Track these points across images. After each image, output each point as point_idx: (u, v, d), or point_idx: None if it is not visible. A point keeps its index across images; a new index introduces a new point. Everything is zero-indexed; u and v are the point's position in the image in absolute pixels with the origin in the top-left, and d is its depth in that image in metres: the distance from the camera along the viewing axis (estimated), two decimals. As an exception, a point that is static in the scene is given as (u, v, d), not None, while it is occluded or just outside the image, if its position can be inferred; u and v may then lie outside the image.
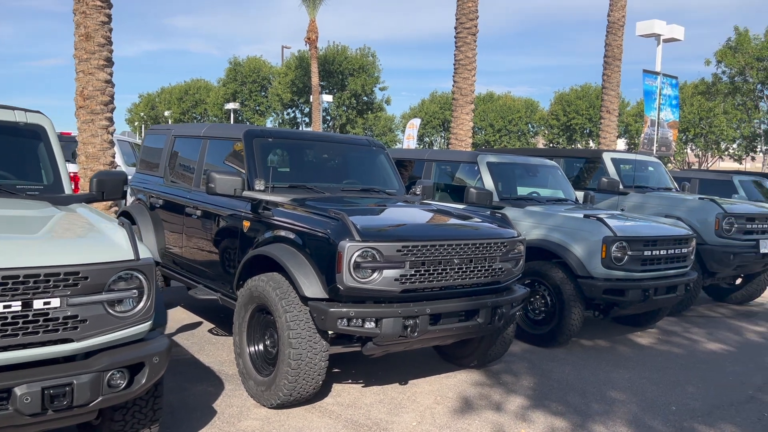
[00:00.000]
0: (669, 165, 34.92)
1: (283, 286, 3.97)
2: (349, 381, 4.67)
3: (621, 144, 44.26)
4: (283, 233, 4.21)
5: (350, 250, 3.71)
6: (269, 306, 3.99)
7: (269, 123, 46.55)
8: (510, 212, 6.30)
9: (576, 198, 7.33)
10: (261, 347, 4.28)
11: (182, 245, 5.56)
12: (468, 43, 12.58)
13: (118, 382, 2.73)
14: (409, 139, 34.38)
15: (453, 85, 12.89)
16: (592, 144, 44.99)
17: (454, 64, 12.76)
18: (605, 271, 5.55)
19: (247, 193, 4.64)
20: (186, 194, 5.54)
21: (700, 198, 7.69)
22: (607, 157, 8.53)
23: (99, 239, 2.90)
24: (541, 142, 49.83)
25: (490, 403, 4.41)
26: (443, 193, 7.27)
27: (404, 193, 5.58)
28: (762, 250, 7.48)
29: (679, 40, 18.33)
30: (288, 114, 44.45)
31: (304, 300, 3.88)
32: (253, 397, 4.18)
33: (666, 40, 18.16)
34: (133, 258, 2.80)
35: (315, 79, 32.98)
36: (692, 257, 6.27)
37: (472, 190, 6.27)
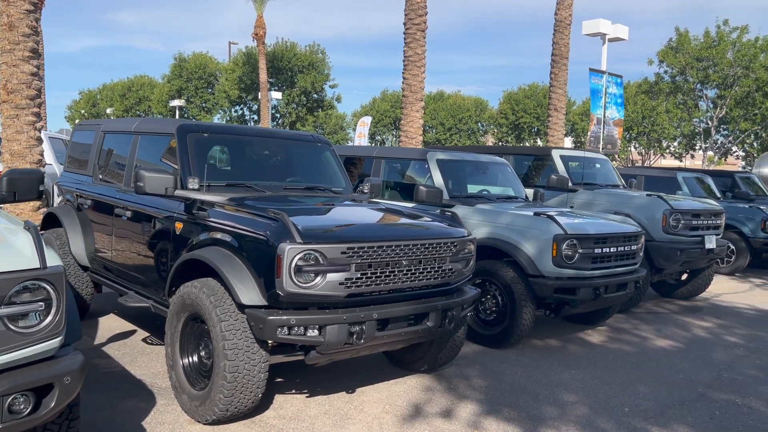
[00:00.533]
0: (614, 162, 35.79)
1: (218, 292, 3.68)
2: (293, 391, 4.40)
3: (568, 142, 45.14)
4: (218, 235, 3.91)
5: (290, 252, 3.45)
6: (203, 314, 3.69)
7: (216, 120, 45.51)
8: (460, 210, 6.14)
9: (526, 195, 7.24)
10: (195, 359, 3.97)
11: (113, 249, 5.17)
12: (417, 39, 12.43)
13: (22, 407, 2.40)
14: (360, 137, 34.15)
15: (402, 82, 12.72)
16: (540, 142, 45.72)
17: (404, 61, 12.60)
18: (556, 269, 5.45)
19: (179, 193, 4.33)
20: (116, 194, 5.16)
21: (647, 195, 7.73)
22: (556, 155, 8.50)
23: (-3, 246, 2.56)
24: (490, 141, 50.37)
25: (440, 410, 4.22)
26: (393, 192, 7.07)
27: (352, 192, 5.34)
28: (707, 246, 7.57)
29: (623, 39, 18.66)
30: (236, 111, 43.51)
31: (241, 307, 3.60)
32: (187, 413, 3.87)
33: (611, 40, 18.47)
34: (38, 266, 2.47)
35: (263, 76, 32.38)
36: (641, 254, 6.25)
37: (421, 188, 6.10)
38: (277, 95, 36.23)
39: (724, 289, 9.55)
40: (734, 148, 33.66)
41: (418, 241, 3.97)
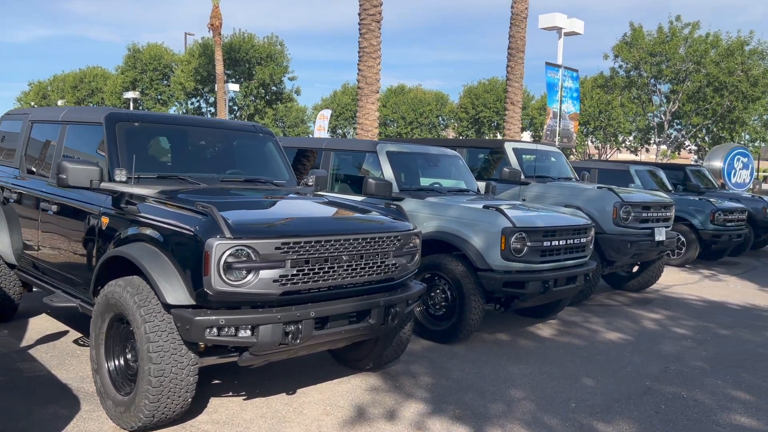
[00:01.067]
0: (571, 156, 36.30)
1: (143, 291, 3.45)
2: (230, 394, 4.20)
3: (526, 136, 45.65)
4: (145, 231, 3.67)
5: (219, 249, 3.25)
6: (127, 315, 3.46)
7: (172, 112, 44.47)
8: (410, 204, 6.01)
9: (478, 188, 7.15)
10: (122, 362, 3.73)
11: (39, 245, 4.86)
12: (372, 30, 12.24)
13: None
14: (320, 131, 33.81)
15: (358, 74, 12.52)
16: (499, 136, 46.03)
17: (359, 52, 12.40)
18: (505, 263, 5.36)
19: (105, 185, 4.07)
20: (43, 187, 4.85)
21: (598, 187, 7.73)
22: (509, 147, 8.44)
23: None
24: (451, 135, 50.56)
25: (384, 410, 4.08)
26: (343, 184, 6.89)
27: (296, 185, 5.14)
28: (657, 238, 7.61)
29: (579, 33, 18.82)
30: (192, 104, 42.61)
31: (167, 307, 3.38)
32: (112, 420, 3.63)
33: (567, 34, 18.60)
34: None
35: (219, 67, 31.72)
36: (591, 247, 6.22)
37: (370, 180, 5.93)
38: (234, 87, 35.52)
39: (674, 280, 9.68)
40: (687, 142, 34.47)
41: (359, 235, 3.80)
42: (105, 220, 4.02)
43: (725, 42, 27.10)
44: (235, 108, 40.77)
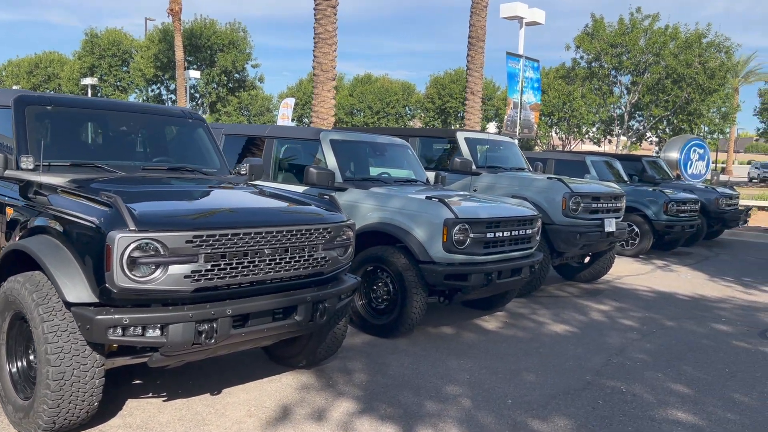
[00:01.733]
0: (536, 148, 36.58)
1: (43, 288, 3.19)
2: (149, 395, 3.97)
3: (492, 127, 45.79)
4: (50, 223, 3.41)
5: (122, 242, 3.01)
6: (25, 313, 3.20)
7: (132, 99, 43.37)
8: (353, 194, 5.82)
9: (427, 179, 6.99)
10: (24, 363, 3.47)
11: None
12: (328, 15, 11.97)
13: None
14: (283, 119, 33.27)
15: (313, 61, 12.25)
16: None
17: (314, 38, 12.12)
18: (447, 255, 5.22)
19: (11, 173, 3.78)
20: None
21: (548, 178, 7.65)
22: (461, 137, 8.29)
23: None
24: (418, 125, 50.45)
25: (312, 410, 3.90)
26: (287, 174, 6.66)
27: (227, 174, 4.90)
28: (607, 229, 7.57)
29: (540, 23, 18.78)
30: (153, 91, 41.59)
31: (69, 305, 3.13)
32: (13, 426, 3.38)
33: (528, 24, 18.55)
34: None
35: (179, 53, 30.95)
36: (537, 238, 6.12)
37: (311, 170, 5.72)
38: (195, 74, 34.71)
39: (626, 271, 9.70)
40: (648, 134, 34.99)
41: (283, 227, 3.60)
42: (9, 210, 3.74)
43: (684, 34, 27.48)
44: (197, 95, 39.96)
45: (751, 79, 54.71)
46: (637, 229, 11.06)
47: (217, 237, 3.28)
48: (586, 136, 40.70)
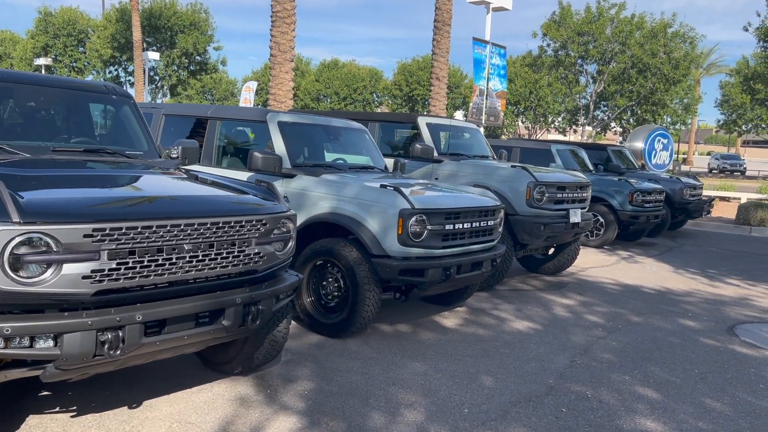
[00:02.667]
0: (503, 136, 36.47)
1: None
2: (56, 409, 3.47)
3: (459, 115, 45.55)
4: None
5: (2, 236, 2.51)
6: None
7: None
8: (302, 181, 5.36)
9: (386, 166, 6.55)
10: None
11: None
12: (286, -7, 11.38)
13: None
14: (245, 103, 32.41)
15: (271, 41, 11.66)
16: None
17: (272, 17, 11.52)
18: (402, 248, 4.80)
19: None
20: None
21: (512, 166, 7.28)
22: (422, 122, 7.87)
23: None
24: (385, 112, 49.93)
25: (244, 427, 3.45)
26: (232, 158, 6.15)
27: (157, 156, 4.38)
28: (572, 220, 7.26)
29: (507, 9, 18.44)
30: (110, 72, 40.15)
31: (-60, 312, 2.62)
32: None
33: (495, 9, 18.19)
34: None
35: (137, 34, 29.85)
36: (500, 230, 5.75)
37: (256, 154, 5.24)
38: (154, 56, 33.63)
39: (591, 262, 9.46)
40: (612, 124, 35.17)
41: (207, 219, 3.13)
42: None
43: (649, 24, 27.52)
44: (157, 78, 38.71)
45: (713, 71, 55.65)
46: (602, 220, 10.84)
47: (123, 230, 2.79)
48: (552, 125, 40.78)
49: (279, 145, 5.58)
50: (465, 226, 5.20)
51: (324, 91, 48.85)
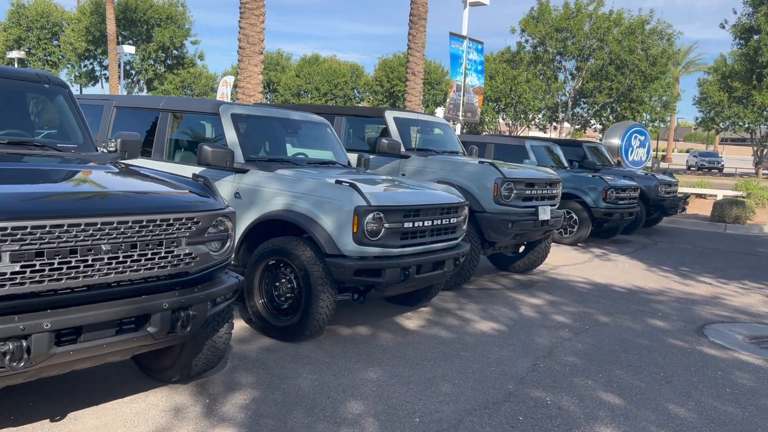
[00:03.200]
0: (484, 133, 36.37)
1: None
2: (-30, 423, 3.19)
3: (440, 112, 45.39)
4: None
5: None
6: None
7: (63, 75, 41.03)
8: (255, 177, 5.11)
9: (349, 162, 6.31)
10: None
11: None
12: (255, -16, 11.08)
13: None
14: (222, 98, 32.01)
15: (239, 33, 11.35)
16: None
17: (240, 8, 11.22)
18: (358, 248, 4.57)
19: None
20: None
21: (480, 162, 7.08)
22: (390, 116, 7.64)
23: None
24: (365, 108, 49.65)
25: (174, 439, 3.21)
26: (185, 153, 5.87)
27: (93, 150, 4.11)
28: (541, 217, 7.08)
29: (485, 4, 18.28)
30: (85, 66, 39.40)
31: None
32: None
33: (472, 4, 18.01)
34: None
35: (111, 27, 29.28)
36: (464, 227, 5.55)
37: (206, 148, 4.98)
38: (129, 49, 32.97)
39: (563, 260, 9.31)
40: (592, 121, 35.23)
41: (128, 217, 2.87)
42: None
43: (627, 20, 27.54)
44: (133, 72, 38.05)
45: (691, 69, 56.16)
46: (575, 217, 10.70)
47: (28, 230, 2.53)
48: (533, 122, 40.77)
49: (232, 139, 5.32)
50: (426, 224, 4.99)
51: (304, 87, 48.47)
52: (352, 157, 6.55)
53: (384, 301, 6.04)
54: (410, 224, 4.83)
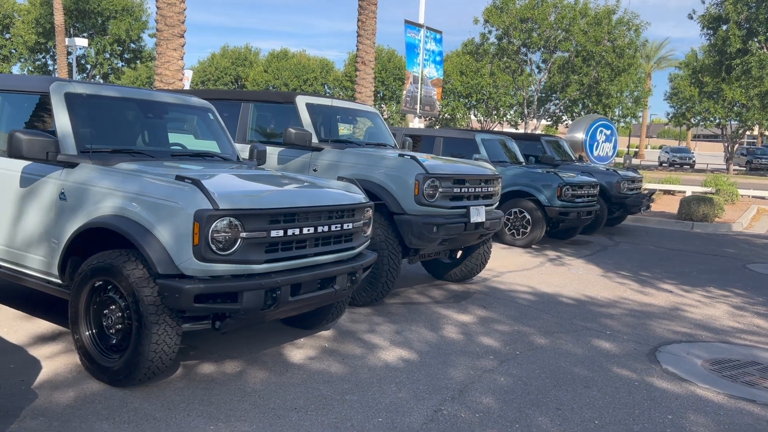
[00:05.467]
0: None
1: None
2: None
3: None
4: None
5: None
6: None
7: (16, 70, 39.20)
8: (85, 172, 3.99)
9: (238, 155, 5.20)
10: None
11: None
12: (172, -41, 9.90)
13: None
14: (180, 94, 30.62)
15: (157, 13, 10.16)
16: (384, 107, 44.78)
17: (157, -14, 10.03)
18: (202, 265, 3.47)
19: None
20: None
21: (399, 155, 6.00)
22: (301, 102, 6.53)
23: None
24: (335, 104, 48.45)
25: None
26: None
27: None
28: (473, 219, 6.05)
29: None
30: (38, 60, 37.61)
31: None
32: None
33: (429, -9, 17.00)
34: None
35: (59, 18, 27.79)
36: (368, 233, 4.48)
37: (18, 135, 3.91)
38: (82, 42, 31.32)
39: (511, 265, 8.32)
40: (564, 117, 34.45)
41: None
42: None
43: (593, 11, 26.73)
44: (87, 66, 36.38)
45: (663, 65, 55.94)
46: (528, 217, 9.72)
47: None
48: (504, 118, 39.86)
49: (63, 125, 4.18)
50: (306, 231, 3.89)
51: (273, 82, 47.21)
52: (245, 148, 5.46)
53: (282, 323, 4.96)
54: (280, 232, 3.73)
